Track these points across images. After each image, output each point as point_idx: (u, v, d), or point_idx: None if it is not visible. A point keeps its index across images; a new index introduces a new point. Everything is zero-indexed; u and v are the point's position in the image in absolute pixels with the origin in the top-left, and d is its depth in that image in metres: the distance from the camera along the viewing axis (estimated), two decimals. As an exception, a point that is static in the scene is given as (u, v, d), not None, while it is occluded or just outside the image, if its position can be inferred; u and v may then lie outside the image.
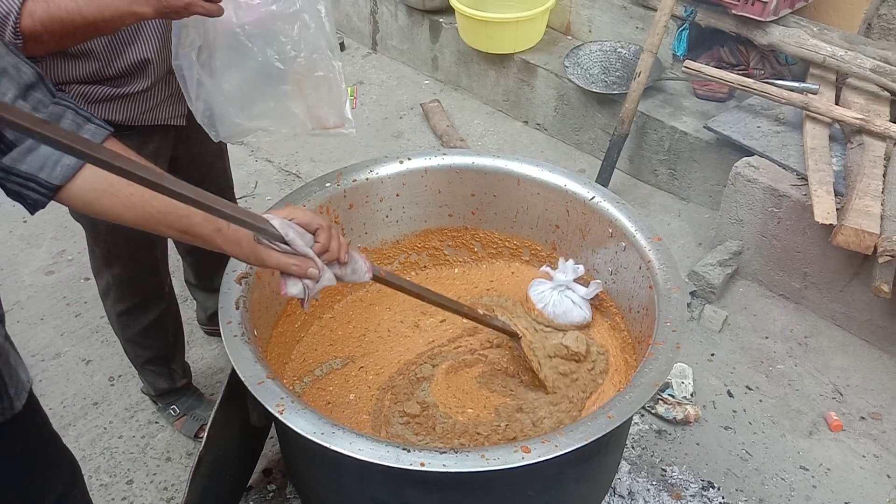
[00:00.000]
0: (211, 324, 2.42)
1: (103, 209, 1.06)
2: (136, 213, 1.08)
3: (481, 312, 1.64)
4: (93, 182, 1.04)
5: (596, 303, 1.83)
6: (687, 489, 2.00)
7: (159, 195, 1.02)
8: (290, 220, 1.16)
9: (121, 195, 1.06)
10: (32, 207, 1.04)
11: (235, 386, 1.40)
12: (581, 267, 1.78)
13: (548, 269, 1.85)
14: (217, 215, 1.03)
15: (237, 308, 1.43)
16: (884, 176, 2.31)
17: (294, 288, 1.18)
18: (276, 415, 1.22)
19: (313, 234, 1.19)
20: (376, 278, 1.31)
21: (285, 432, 1.48)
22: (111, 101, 1.50)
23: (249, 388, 1.27)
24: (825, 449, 2.15)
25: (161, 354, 2.06)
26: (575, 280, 1.79)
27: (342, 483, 1.44)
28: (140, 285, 1.90)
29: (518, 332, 1.67)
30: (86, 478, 1.58)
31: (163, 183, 0.94)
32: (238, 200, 2.42)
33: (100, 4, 1.25)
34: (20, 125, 0.79)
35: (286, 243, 1.15)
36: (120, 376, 2.34)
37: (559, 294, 1.78)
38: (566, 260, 1.81)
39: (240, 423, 1.57)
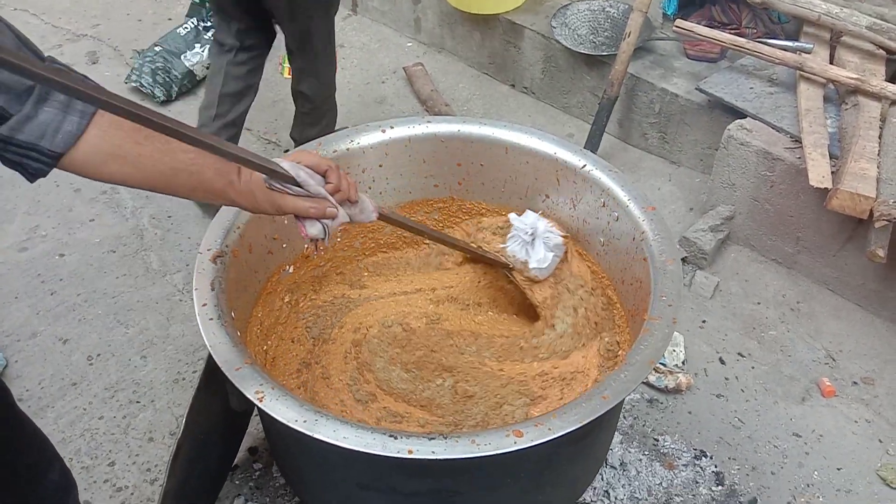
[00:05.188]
0: None
1: (110, 172, 1.03)
2: (146, 174, 1.05)
3: (475, 246, 1.73)
4: (97, 146, 1.00)
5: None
6: (679, 458, 1.98)
7: (169, 154, 1.04)
8: (298, 163, 1.17)
9: (129, 156, 1.02)
10: (33, 176, 1.00)
11: (214, 370, 1.34)
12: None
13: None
14: (230, 158, 1.05)
15: (212, 290, 1.36)
16: (879, 138, 2.26)
17: (314, 229, 1.21)
18: (256, 402, 1.17)
19: (323, 176, 1.21)
20: (382, 216, 1.37)
21: (267, 418, 1.43)
22: None
23: (227, 374, 1.22)
24: (818, 415, 2.14)
25: None
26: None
27: (327, 469, 1.40)
28: None
29: (509, 263, 1.71)
30: (66, 461, 1.53)
31: (176, 127, 0.94)
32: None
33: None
34: (37, 73, 0.78)
35: (298, 185, 1.16)
36: (98, 355, 2.27)
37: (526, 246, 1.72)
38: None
39: (220, 406, 1.53)
